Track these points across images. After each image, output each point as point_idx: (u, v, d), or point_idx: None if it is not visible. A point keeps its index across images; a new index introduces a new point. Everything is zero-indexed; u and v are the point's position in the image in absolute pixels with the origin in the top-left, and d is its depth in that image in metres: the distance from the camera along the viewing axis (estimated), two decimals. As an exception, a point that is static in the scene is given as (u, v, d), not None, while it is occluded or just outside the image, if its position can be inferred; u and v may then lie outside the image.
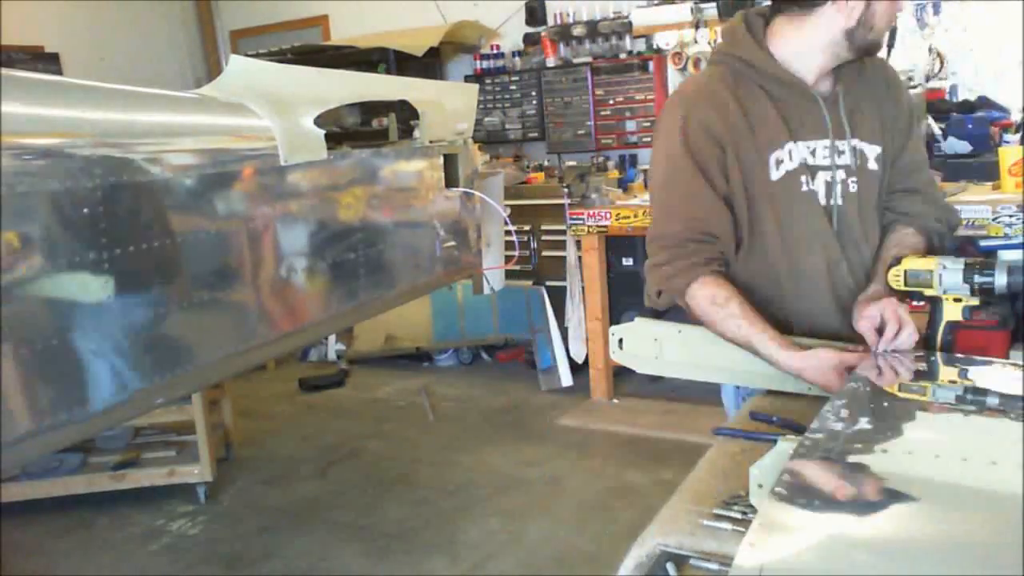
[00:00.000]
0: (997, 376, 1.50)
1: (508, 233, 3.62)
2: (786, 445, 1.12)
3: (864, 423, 1.20)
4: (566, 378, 4.85)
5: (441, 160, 3.03)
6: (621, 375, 4.76)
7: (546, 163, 5.58)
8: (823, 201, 1.68)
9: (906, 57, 4.46)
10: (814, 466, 1.06)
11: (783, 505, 0.96)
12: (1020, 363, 1.42)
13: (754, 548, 0.88)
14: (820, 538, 0.92)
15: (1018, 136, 4.00)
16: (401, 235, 2.82)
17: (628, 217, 4.38)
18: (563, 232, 4.73)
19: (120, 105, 1.98)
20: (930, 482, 1.04)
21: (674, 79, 5.14)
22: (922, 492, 1.00)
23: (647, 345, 1.86)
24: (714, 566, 1.14)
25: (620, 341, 1.90)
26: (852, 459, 1.08)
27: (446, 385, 5.23)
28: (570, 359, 4.85)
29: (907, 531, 0.95)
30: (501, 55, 5.72)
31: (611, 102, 5.24)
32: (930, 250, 1.75)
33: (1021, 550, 0.84)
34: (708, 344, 1.71)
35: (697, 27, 4.79)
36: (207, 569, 3.25)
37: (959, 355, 1.56)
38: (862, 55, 1.67)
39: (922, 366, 1.51)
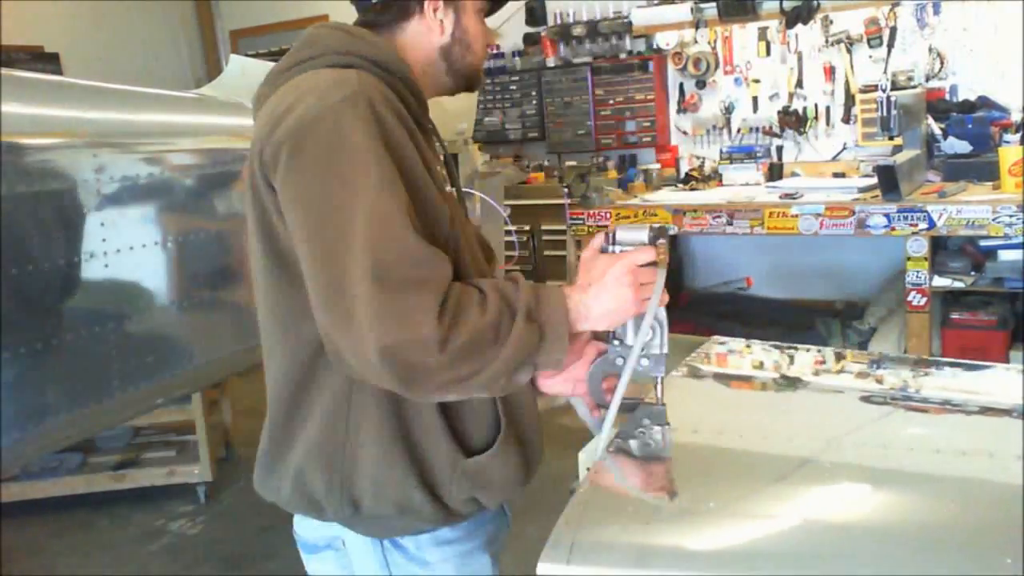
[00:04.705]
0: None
1: (508, 233, 3.63)
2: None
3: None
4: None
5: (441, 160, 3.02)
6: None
7: (546, 163, 5.58)
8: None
9: (906, 57, 4.47)
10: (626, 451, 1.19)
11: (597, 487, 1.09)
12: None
13: (568, 525, 0.97)
14: (628, 516, 1.03)
15: (1018, 136, 4.00)
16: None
17: (628, 217, 4.38)
18: (563, 232, 4.73)
19: (120, 105, 1.98)
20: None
21: (674, 79, 5.15)
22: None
23: None
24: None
25: None
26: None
27: (446, 385, 5.22)
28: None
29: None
30: (501, 55, 5.72)
31: (611, 102, 5.23)
32: None
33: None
34: None
35: (697, 27, 4.79)
36: (207, 569, 3.25)
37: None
38: (463, 85, 1.40)
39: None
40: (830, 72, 4.69)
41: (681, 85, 5.14)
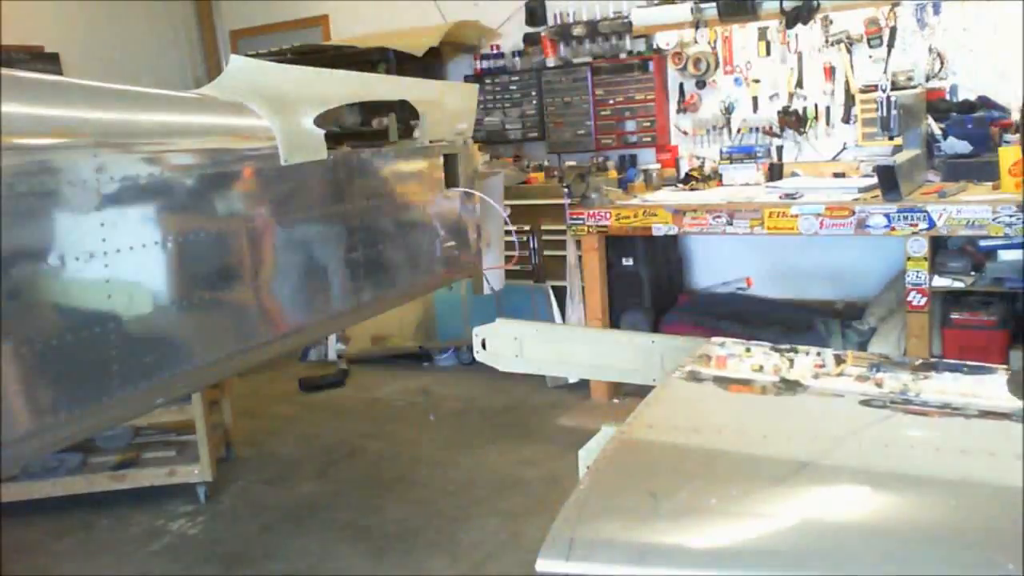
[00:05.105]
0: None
1: (508, 233, 3.63)
2: (609, 429, 1.24)
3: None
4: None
5: (441, 160, 3.03)
6: (621, 375, 4.75)
7: (546, 163, 5.58)
8: None
9: (906, 57, 4.46)
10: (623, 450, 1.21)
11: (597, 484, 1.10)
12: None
13: (567, 522, 0.97)
14: (627, 513, 1.03)
15: (1018, 136, 4.00)
16: (401, 235, 2.82)
17: (628, 217, 4.38)
18: (563, 232, 4.73)
19: (120, 105, 1.98)
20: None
21: (674, 79, 5.15)
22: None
23: (508, 344, 1.89)
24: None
25: (483, 342, 1.93)
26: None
27: (446, 385, 5.22)
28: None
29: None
30: (501, 55, 5.71)
31: (611, 102, 5.23)
32: None
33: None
34: (565, 342, 1.73)
35: (697, 27, 4.79)
36: (207, 569, 3.25)
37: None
38: None
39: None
40: (830, 72, 4.69)
41: (681, 85, 5.14)
